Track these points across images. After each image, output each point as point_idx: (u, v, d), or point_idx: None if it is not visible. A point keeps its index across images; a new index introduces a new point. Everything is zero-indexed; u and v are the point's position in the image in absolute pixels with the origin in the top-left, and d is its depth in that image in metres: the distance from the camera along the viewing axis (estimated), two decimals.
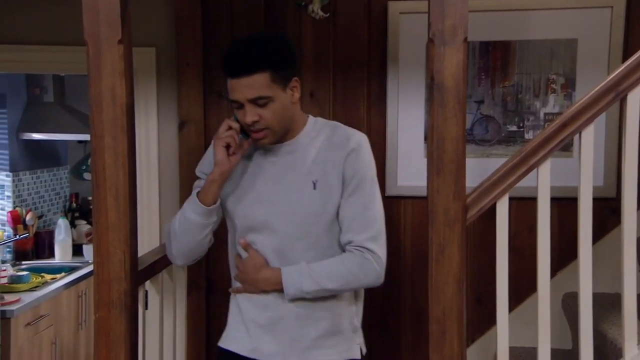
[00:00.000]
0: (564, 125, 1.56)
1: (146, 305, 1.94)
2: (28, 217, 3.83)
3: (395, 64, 2.39)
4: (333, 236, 1.63)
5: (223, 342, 1.72)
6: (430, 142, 1.55)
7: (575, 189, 1.61)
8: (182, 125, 2.49)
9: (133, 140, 1.65)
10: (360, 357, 1.69)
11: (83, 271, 3.67)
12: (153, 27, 2.49)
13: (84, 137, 4.07)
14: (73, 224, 4.11)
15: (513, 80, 2.35)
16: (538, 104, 2.35)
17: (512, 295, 1.60)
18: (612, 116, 2.28)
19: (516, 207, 2.22)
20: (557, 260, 1.61)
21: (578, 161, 1.59)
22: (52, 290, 3.30)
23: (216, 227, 1.69)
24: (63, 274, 3.55)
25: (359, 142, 1.63)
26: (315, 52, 2.44)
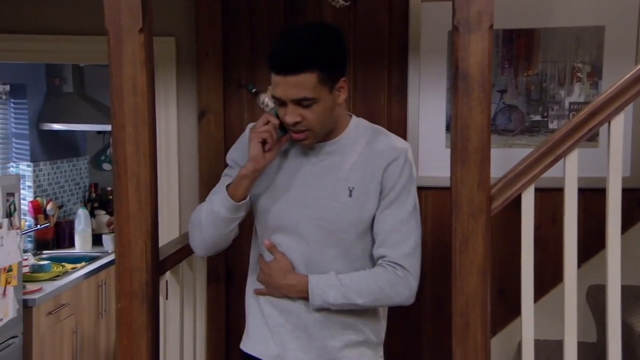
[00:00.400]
0: (593, 114, 1.52)
1: (166, 295, 1.94)
2: (49, 207, 3.86)
3: (416, 53, 2.36)
4: (365, 247, 1.56)
5: (246, 346, 1.65)
6: (453, 132, 1.52)
7: (600, 180, 1.58)
8: (202, 115, 2.48)
9: (154, 130, 1.64)
10: None
11: (103, 261, 3.70)
12: (173, 17, 2.48)
13: (103, 128, 4.10)
14: (92, 214, 4.14)
15: (537, 68, 2.31)
16: (563, 93, 2.31)
17: (535, 287, 1.57)
18: None
19: (539, 198, 2.18)
20: (581, 252, 1.58)
21: (607, 151, 1.55)
22: (73, 279, 3.33)
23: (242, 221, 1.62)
24: (83, 264, 3.59)
25: (402, 152, 1.55)
26: None
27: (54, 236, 3.95)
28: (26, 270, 3.23)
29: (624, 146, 2.13)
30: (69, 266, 3.49)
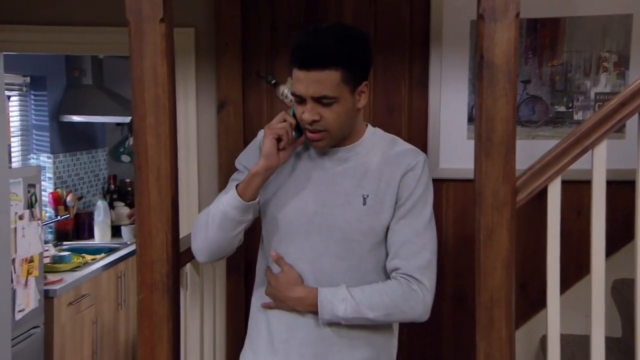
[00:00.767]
0: (622, 104, 1.49)
1: (186, 287, 1.94)
2: (68, 199, 3.89)
3: (438, 43, 2.32)
4: (379, 260, 1.50)
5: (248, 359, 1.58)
6: (478, 123, 1.49)
7: (627, 172, 1.55)
8: (221, 106, 2.47)
9: (174, 121, 1.63)
10: None
11: (121, 252, 3.72)
12: (192, 7, 2.47)
13: (122, 120, 4.11)
14: (111, 206, 4.16)
15: (562, 58, 2.26)
16: (588, 84, 2.26)
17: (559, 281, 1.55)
18: None
19: (563, 190, 2.15)
20: (606, 246, 1.55)
21: (637, 142, 1.51)
22: (93, 270, 3.36)
23: (249, 226, 1.53)
24: (103, 255, 3.61)
25: (420, 161, 1.50)
26: None
27: (74, 227, 3.98)
28: (47, 261, 3.26)
29: None
30: (89, 257, 3.51)
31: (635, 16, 2.21)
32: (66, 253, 3.46)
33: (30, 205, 2.89)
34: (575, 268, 2.24)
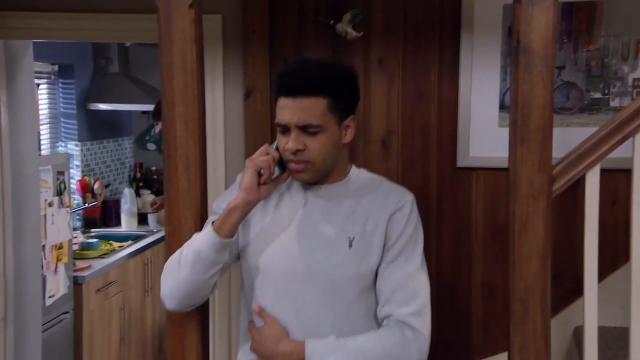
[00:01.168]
0: None
1: None
2: (96, 186, 3.92)
3: (469, 29, 2.27)
4: (368, 308, 1.43)
5: None
6: (513, 110, 1.46)
7: None
8: (248, 94, 2.45)
9: (203, 108, 1.62)
10: None
11: (148, 240, 3.75)
12: None
13: (148, 108, 4.12)
14: (138, 194, 4.19)
15: (598, 43, 2.19)
16: (626, 69, 2.19)
17: None
18: None
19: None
20: None
21: None
22: (120, 257, 3.39)
23: (225, 271, 1.45)
24: (130, 242, 3.64)
25: (408, 200, 1.45)
26: (384, 17, 2.34)
27: (101, 215, 4.02)
28: (76, 247, 3.29)
29: None
30: (116, 244, 3.54)
31: None
32: (94, 240, 3.49)
33: (59, 192, 2.91)
34: (610, 259, 2.19)
